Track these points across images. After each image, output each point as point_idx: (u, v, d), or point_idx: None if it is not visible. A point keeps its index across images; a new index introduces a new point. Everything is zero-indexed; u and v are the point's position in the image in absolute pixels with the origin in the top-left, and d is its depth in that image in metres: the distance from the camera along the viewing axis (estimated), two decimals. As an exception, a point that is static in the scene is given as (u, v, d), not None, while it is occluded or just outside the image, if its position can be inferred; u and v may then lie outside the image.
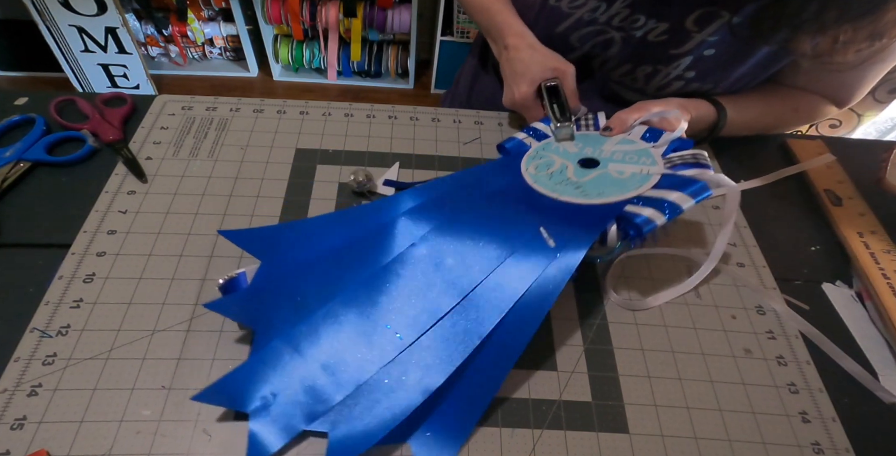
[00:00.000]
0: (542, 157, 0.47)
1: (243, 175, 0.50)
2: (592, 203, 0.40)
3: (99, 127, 0.51)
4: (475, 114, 0.59)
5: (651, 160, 0.43)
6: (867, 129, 1.46)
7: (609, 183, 0.41)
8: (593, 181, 0.42)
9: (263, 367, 0.35)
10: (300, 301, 0.38)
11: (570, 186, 0.42)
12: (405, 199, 0.44)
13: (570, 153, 0.46)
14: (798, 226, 0.51)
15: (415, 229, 0.41)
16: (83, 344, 0.37)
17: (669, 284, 0.44)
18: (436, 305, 0.37)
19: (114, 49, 1.67)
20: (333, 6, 1.72)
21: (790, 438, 0.36)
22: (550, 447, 0.35)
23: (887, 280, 0.44)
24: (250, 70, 1.96)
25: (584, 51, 0.54)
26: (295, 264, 0.40)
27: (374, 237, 0.41)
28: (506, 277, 0.37)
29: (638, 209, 0.38)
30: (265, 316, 0.38)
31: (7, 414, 0.33)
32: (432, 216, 0.41)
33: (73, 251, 0.42)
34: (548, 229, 0.39)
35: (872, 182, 0.52)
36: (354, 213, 0.44)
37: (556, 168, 0.45)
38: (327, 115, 0.57)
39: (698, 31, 0.48)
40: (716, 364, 0.40)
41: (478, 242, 0.39)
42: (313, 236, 0.42)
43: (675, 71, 0.51)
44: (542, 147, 0.48)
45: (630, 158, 0.43)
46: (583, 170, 0.44)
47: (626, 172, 0.42)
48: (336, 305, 0.37)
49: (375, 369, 0.35)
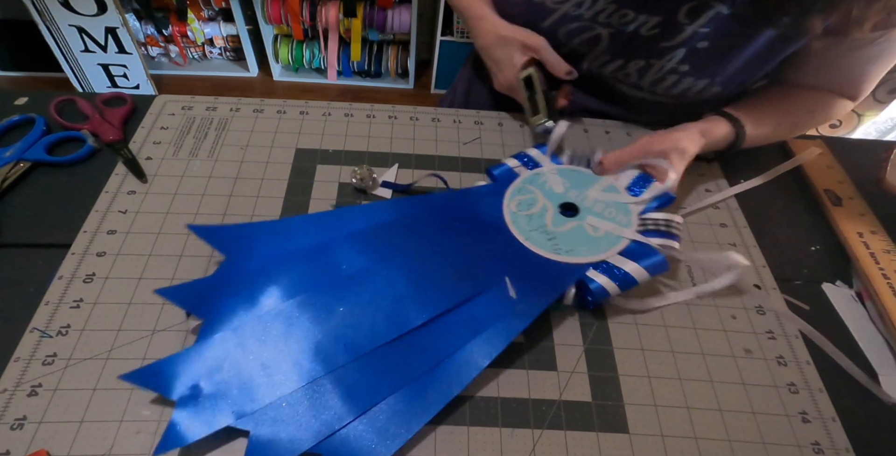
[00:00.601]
0: (527, 193, 0.47)
1: (243, 175, 0.50)
2: (559, 260, 0.42)
3: (99, 127, 0.51)
4: (475, 114, 0.59)
5: (627, 219, 0.45)
6: (867, 129, 1.46)
7: (582, 240, 0.43)
8: (567, 234, 0.44)
9: (201, 356, 0.35)
10: (255, 297, 0.38)
11: (543, 237, 0.44)
12: (385, 210, 0.44)
13: (554, 193, 0.47)
14: (798, 226, 0.51)
15: (388, 245, 0.41)
16: (83, 344, 0.37)
17: (668, 284, 0.44)
18: (388, 328, 0.37)
19: (114, 49, 1.67)
20: (333, 6, 1.72)
21: (790, 438, 0.36)
22: (550, 447, 0.35)
23: (887, 280, 0.44)
24: (250, 70, 1.96)
25: (571, 47, 0.53)
26: (259, 262, 0.40)
27: (345, 245, 0.41)
28: (464, 317, 0.38)
29: (595, 275, 0.41)
30: (216, 308, 0.37)
31: (7, 414, 0.33)
32: (408, 236, 0.42)
33: (73, 251, 0.42)
34: (512, 278, 0.40)
35: (872, 182, 0.52)
36: (329, 218, 0.44)
37: (537, 211, 0.45)
38: (327, 115, 0.57)
39: (689, 23, 0.47)
40: (716, 364, 0.40)
41: (447, 275, 0.40)
42: (283, 236, 0.42)
43: (668, 64, 0.50)
44: (529, 179, 0.48)
45: (609, 213, 0.45)
46: (562, 217, 0.45)
47: (601, 230, 0.44)
48: (292, 306, 0.37)
49: (313, 378, 0.35)
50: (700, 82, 0.51)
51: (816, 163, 0.56)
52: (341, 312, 0.37)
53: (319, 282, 0.39)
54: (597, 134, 0.57)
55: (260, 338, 0.36)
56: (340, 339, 0.36)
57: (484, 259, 0.42)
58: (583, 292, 0.41)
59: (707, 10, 0.46)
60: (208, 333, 0.36)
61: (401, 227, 0.43)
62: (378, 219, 0.43)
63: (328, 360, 0.35)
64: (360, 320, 0.37)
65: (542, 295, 0.40)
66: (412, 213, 0.44)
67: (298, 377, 0.35)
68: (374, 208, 0.44)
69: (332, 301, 0.38)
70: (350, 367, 0.35)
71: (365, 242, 0.41)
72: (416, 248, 0.41)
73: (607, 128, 0.58)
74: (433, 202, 0.46)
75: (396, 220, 0.43)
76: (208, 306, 0.37)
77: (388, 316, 0.37)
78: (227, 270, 0.40)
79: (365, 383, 0.35)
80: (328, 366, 0.35)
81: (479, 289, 0.39)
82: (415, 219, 0.44)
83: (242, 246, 0.41)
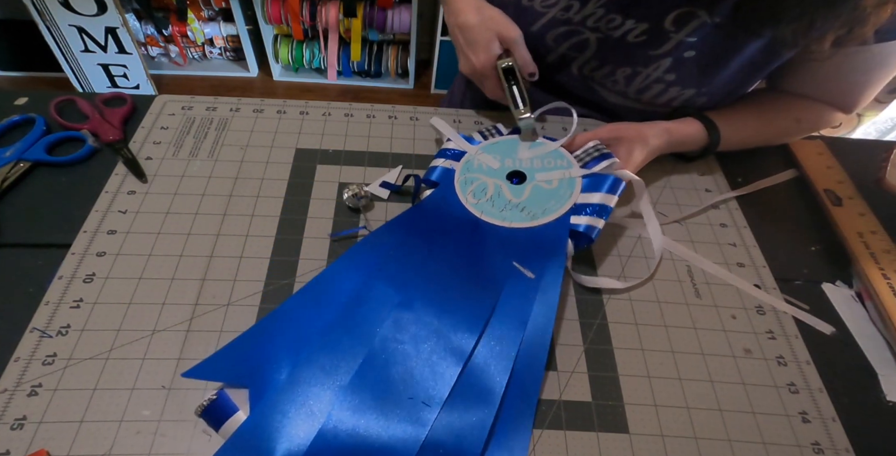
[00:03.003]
0: (473, 181, 0.47)
1: (243, 175, 0.50)
2: (543, 223, 0.44)
3: (99, 127, 0.51)
4: (475, 114, 0.59)
5: (566, 161, 0.47)
6: (867, 129, 1.46)
7: (545, 196, 0.45)
8: (532, 199, 0.45)
9: (283, 420, 0.33)
10: (306, 384, 0.35)
11: (515, 211, 0.45)
12: (365, 259, 0.42)
13: (493, 170, 0.48)
14: (798, 226, 0.51)
15: (392, 293, 0.39)
16: (83, 344, 0.37)
17: (669, 283, 0.44)
18: (449, 364, 0.36)
19: (114, 49, 1.67)
20: (333, 6, 1.72)
21: (790, 438, 0.36)
22: (550, 447, 0.35)
23: (887, 280, 0.44)
24: (250, 70, 1.96)
25: (560, 52, 0.53)
26: (289, 369, 0.36)
27: (356, 311, 0.39)
28: (502, 317, 0.38)
29: (577, 219, 0.43)
30: (263, 381, 0.35)
31: (7, 414, 0.33)
32: (403, 275, 0.40)
33: (73, 251, 0.42)
34: (518, 261, 0.41)
35: (872, 182, 0.52)
36: (319, 288, 0.40)
37: (492, 191, 0.46)
38: (327, 115, 0.57)
39: (676, 32, 0.47)
40: (716, 364, 0.40)
41: (465, 289, 0.40)
42: (294, 328, 0.38)
43: (654, 73, 0.50)
44: (465, 168, 0.48)
45: (548, 163, 0.47)
46: (515, 187, 0.46)
47: (553, 181, 0.46)
48: (350, 390, 0.35)
49: (419, 443, 0.33)
50: (686, 92, 0.51)
51: (816, 163, 0.56)
52: (400, 372, 0.35)
53: (356, 358, 0.36)
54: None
55: (342, 424, 0.33)
56: (415, 397, 0.34)
57: (483, 257, 0.42)
58: (576, 240, 0.43)
59: (693, 20, 0.46)
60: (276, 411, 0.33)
61: (394, 269, 0.41)
62: (366, 268, 0.41)
63: (419, 422, 0.33)
64: (421, 372, 0.35)
65: (553, 261, 0.41)
66: (391, 250, 0.42)
67: (406, 448, 0.33)
68: (354, 262, 0.41)
69: (384, 368, 0.35)
70: (442, 417, 0.34)
71: (370, 298, 0.39)
72: (419, 275, 0.40)
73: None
74: (402, 229, 0.44)
75: (386, 264, 0.41)
76: (250, 376, 0.35)
77: (443, 353, 0.36)
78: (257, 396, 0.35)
79: (465, 425, 0.34)
80: (422, 428, 0.33)
81: (499, 287, 0.39)
82: (401, 252, 0.42)
83: (257, 367, 0.36)
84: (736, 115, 0.52)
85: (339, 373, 0.35)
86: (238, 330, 0.39)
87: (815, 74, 0.50)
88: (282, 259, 0.43)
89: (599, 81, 0.54)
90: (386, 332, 0.37)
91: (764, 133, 0.53)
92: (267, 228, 0.45)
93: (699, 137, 0.50)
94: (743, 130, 0.51)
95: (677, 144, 0.50)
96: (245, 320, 0.39)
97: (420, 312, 0.38)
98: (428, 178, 0.48)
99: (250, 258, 0.43)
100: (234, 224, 0.45)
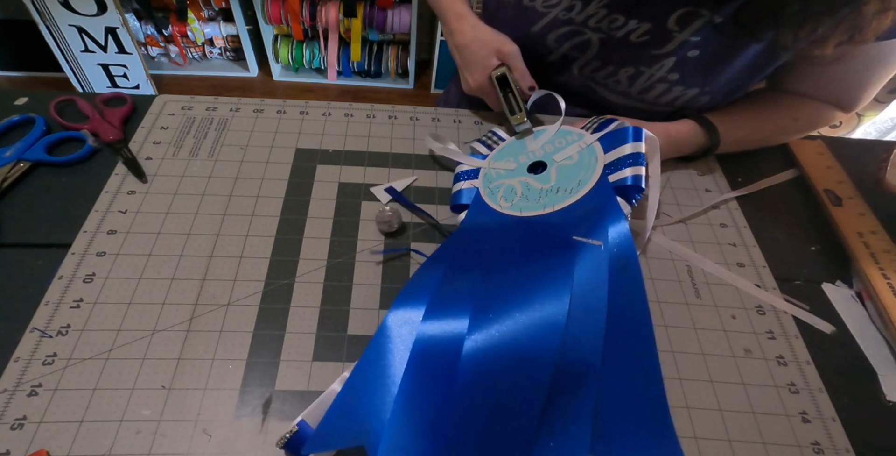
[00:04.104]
0: (498, 189, 0.47)
1: (243, 175, 0.50)
2: (585, 193, 0.42)
3: (99, 127, 0.51)
4: (475, 114, 0.59)
5: (576, 135, 0.47)
6: (867, 129, 1.46)
7: (573, 171, 0.44)
8: (561, 178, 0.44)
9: None
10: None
11: (551, 195, 0.43)
12: (419, 297, 0.37)
13: (512, 171, 0.47)
14: (798, 226, 0.51)
15: (482, 323, 0.34)
16: (83, 344, 0.37)
17: (669, 283, 0.44)
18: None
19: (114, 49, 1.67)
20: (333, 6, 1.72)
21: (790, 438, 0.36)
22: (550, 447, 0.35)
23: (887, 280, 0.44)
24: (250, 70, 1.96)
25: (562, 52, 0.53)
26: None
27: (448, 353, 0.34)
28: (592, 294, 0.35)
29: (619, 175, 0.41)
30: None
31: (7, 414, 0.33)
32: (466, 299, 0.36)
33: (73, 251, 0.42)
34: (580, 235, 0.38)
35: (872, 182, 0.52)
36: (391, 334, 0.35)
37: (520, 189, 0.45)
38: (327, 115, 0.57)
39: (680, 31, 0.47)
40: (716, 364, 0.40)
41: (536, 289, 0.35)
42: (381, 379, 0.34)
43: (658, 72, 0.50)
44: (486, 181, 0.48)
45: (560, 143, 0.46)
46: (540, 176, 0.45)
47: (573, 155, 0.45)
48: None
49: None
50: (689, 92, 0.51)
51: (816, 163, 0.56)
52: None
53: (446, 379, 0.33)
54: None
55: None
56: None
57: (543, 250, 0.39)
58: (627, 195, 0.41)
59: (697, 19, 0.46)
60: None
61: (450, 290, 0.37)
62: (422, 304, 0.36)
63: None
64: (519, 363, 0.32)
65: (611, 221, 0.38)
66: (443, 269, 0.39)
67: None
68: (410, 299, 0.37)
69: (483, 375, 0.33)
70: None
71: (440, 329, 0.35)
72: (483, 292, 0.36)
73: None
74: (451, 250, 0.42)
75: (440, 289, 0.37)
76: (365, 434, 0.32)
77: (535, 337, 0.33)
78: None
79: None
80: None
81: (571, 266, 0.36)
82: (451, 274, 0.38)
83: (366, 425, 0.32)
84: (733, 116, 0.52)
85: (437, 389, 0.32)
86: (238, 330, 0.39)
87: (814, 73, 0.50)
88: (282, 259, 0.43)
89: (601, 82, 0.54)
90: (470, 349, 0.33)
91: (761, 133, 0.53)
92: (267, 228, 0.45)
93: (698, 139, 0.50)
94: (740, 130, 0.51)
95: (675, 145, 0.50)
96: (245, 320, 0.39)
97: (495, 318, 0.34)
98: (457, 203, 0.48)
99: (250, 258, 0.43)
100: (234, 224, 0.45)
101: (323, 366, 0.37)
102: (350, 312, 0.41)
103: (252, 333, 0.39)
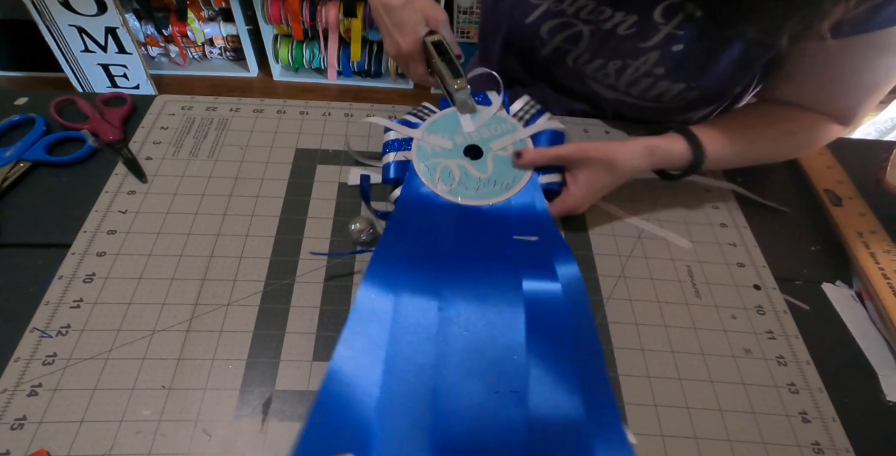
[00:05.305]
0: (435, 167, 0.47)
1: (243, 175, 0.50)
2: (518, 191, 0.46)
3: (99, 127, 0.51)
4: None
5: (510, 125, 0.50)
6: (867, 129, 1.46)
7: (509, 164, 0.48)
8: (497, 170, 0.47)
9: None
10: None
11: (489, 186, 0.47)
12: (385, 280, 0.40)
13: (448, 150, 0.48)
14: (798, 226, 0.51)
15: (428, 303, 0.39)
16: (83, 344, 0.37)
17: (669, 283, 0.44)
18: (508, 364, 0.36)
19: (114, 49, 1.67)
20: (333, 6, 1.72)
21: (790, 438, 0.36)
22: (550, 447, 0.35)
23: (887, 280, 0.44)
24: (250, 70, 1.95)
25: (555, 44, 0.53)
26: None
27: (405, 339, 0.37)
28: (533, 289, 0.40)
29: (547, 178, 0.47)
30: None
31: (7, 414, 0.33)
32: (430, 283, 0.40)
33: (73, 251, 0.42)
34: (516, 233, 0.43)
35: (872, 182, 0.51)
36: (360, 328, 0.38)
37: (458, 173, 0.47)
38: (327, 115, 0.57)
39: (665, 24, 0.47)
40: (716, 364, 0.40)
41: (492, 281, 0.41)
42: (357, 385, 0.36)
43: (643, 66, 0.50)
44: (419, 155, 0.47)
45: (495, 130, 0.49)
46: (478, 163, 0.48)
47: (508, 147, 0.48)
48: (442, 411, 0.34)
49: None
50: (676, 86, 0.50)
51: (816, 163, 0.56)
52: (476, 371, 0.36)
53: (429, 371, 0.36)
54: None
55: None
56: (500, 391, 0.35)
57: (485, 239, 0.44)
58: (547, 197, 0.47)
59: (681, 12, 0.46)
60: None
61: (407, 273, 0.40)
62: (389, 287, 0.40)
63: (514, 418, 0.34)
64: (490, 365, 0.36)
65: (543, 221, 0.44)
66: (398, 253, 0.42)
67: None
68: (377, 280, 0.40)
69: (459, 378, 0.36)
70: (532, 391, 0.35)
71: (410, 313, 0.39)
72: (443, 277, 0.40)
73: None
74: (398, 231, 0.44)
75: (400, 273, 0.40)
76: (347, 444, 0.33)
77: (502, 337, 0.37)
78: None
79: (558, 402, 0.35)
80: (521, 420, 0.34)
81: (515, 261, 0.42)
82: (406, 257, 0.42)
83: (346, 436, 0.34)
84: (722, 131, 0.48)
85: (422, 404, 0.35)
86: (238, 329, 0.39)
87: (804, 78, 0.47)
88: (282, 259, 0.43)
89: (592, 75, 0.54)
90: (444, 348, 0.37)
91: (755, 149, 0.49)
92: (267, 228, 0.45)
93: (684, 156, 0.46)
94: (731, 146, 0.48)
95: (661, 164, 0.47)
96: (245, 320, 0.39)
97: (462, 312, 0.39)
98: (387, 177, 0.47)
99: (250, 258, 0.43)
100: (234, 224, 0.45)
101: (323, 366, 0.37)
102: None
103: (252, 333, 0.39)
